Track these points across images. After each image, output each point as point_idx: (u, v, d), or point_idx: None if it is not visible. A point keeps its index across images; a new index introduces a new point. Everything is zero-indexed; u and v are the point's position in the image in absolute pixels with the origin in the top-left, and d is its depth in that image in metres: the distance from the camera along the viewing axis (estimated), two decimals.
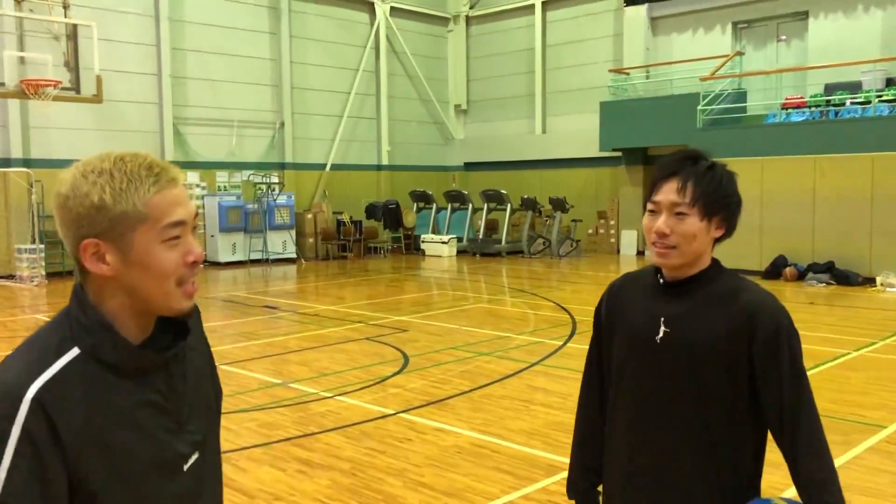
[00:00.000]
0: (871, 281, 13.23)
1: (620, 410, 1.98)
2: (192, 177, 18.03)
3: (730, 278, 1.89)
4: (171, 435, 1.35)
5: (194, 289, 1.34)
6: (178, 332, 1.40)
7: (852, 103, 14.92)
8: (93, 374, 1.26)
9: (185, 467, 1.37)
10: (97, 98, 14.72)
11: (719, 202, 1.81)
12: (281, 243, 18.61)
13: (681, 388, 1.83)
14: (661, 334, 1.86)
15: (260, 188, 18.30)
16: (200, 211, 18.04)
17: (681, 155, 1.85)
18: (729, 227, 1.86)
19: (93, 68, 14.51)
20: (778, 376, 1.76)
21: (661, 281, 1.91)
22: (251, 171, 18.74)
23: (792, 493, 1.85)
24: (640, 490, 1.91)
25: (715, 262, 1.91)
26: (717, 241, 1.88)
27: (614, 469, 2.00)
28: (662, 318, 1.86)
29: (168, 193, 1.29)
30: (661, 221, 1.81)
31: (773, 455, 1.90)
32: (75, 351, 1.27)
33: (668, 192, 1.81)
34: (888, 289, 12.80)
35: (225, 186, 18.72)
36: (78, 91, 14.86)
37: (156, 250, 1.28)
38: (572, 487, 2.09)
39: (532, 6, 21.99)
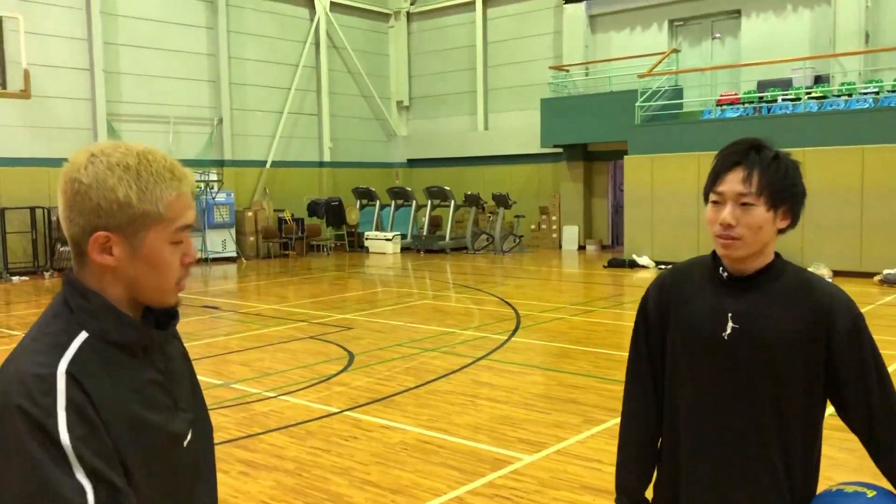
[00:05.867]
0: None
1: (677, 411, 1.87)
2: None
3: (798, 272, 1.82)
4: (170, 412, 1.41)
5: (184, 286, 1.41)
6: (163, 318, 1.45)
7: (783, 100, 15.39)
8: (106, 354, 1.30)
9: (185, 443, 1.43)
10: (25, 93, 14.20)
11: (785, 192, 1.74)
12: (220, 242, 18.25)
13: (752, 387, 1.76)
14: (728, 331, 1.77)
15: (198, 186, 17.91)
16: None
17: (744, 144, 1.77)
18: (794, 217, 1.79)
19: (20, 62, 13.98)
20: (861, 376, 1.72)
21: (725, 275, 1.81)
22: (188, 169, 18.30)
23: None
24: (701, 494, 1.83)
25: (778, 255, 1.83)
26: (781, 232, 1.80)
27: (671, 471, 1.90)
28: (730, 314, 1.77)
29: (184, 197, 1.36)
30: (727, 212, 1.74)
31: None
32: (84, 335, 1.29)
33: (733, 182, 1.74)
34: None
35: None
36: (4, 86, 14.30)
37: (164, 250, 1.34)
38: (627, 490, 1.94)
39: (472, 3, 22.07)
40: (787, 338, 1.73)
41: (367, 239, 20.16)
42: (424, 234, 20.12)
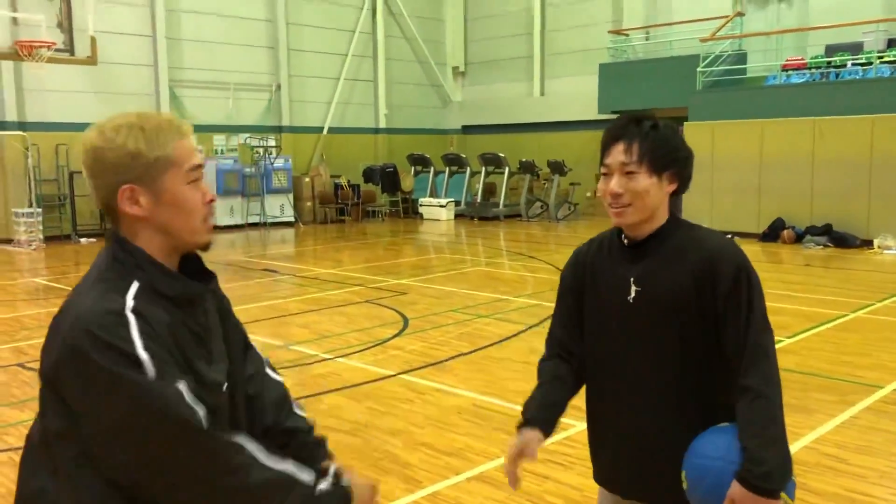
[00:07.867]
0: (868, 243, 13.26)
1: (600, 374, 2.05)
2: None
3: (688, 230, 1.96)
4: (206, 364, 1.51)
5: (211, 226, 1.54)
6: (200, 274, 1.57)
7: (853, 64, 14.80)
8: (157, 301, 1.42)
9: (223, 389, 1.54)
10: (91, 60, 14.58)
11: (666, 157, 1.89)
12: (278, 207, 18.59)
13: (657, 339, 1.91)
14: (633, 294, 1.93)
15: (257, 152, 18.21)
16: None
17: (624, 119, 1.93)
18: (681, 180, 1.94)
19: (87, 29, 14.34)
20: (735, 317, 1.83)
21: (626, 241, 1.98)
22: (248, 135, 18.62)
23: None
24: (624, 443, 2.01)
25: (672, 216, 1.98)
26: (673, 195, 1.95)
27: (599, 430, 2.12)
28: (632, 279, 1.94)
29: (187, 142, 1.49)
30: (614, 182, 1.90)
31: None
32: (136, 283, 1.42)
33: (615, 154, 1.90)
34: (885, 251, 12.84)
35: (222, 150, 18.61)
36: (72, 53, 14.69)
37: (183, 190, 1.47)
38: (524, 412, 2.09)
39: None
40: (678, 291, 1.88)
41: (421, 205, 20.24)
42: (478, 200, 20.09)
